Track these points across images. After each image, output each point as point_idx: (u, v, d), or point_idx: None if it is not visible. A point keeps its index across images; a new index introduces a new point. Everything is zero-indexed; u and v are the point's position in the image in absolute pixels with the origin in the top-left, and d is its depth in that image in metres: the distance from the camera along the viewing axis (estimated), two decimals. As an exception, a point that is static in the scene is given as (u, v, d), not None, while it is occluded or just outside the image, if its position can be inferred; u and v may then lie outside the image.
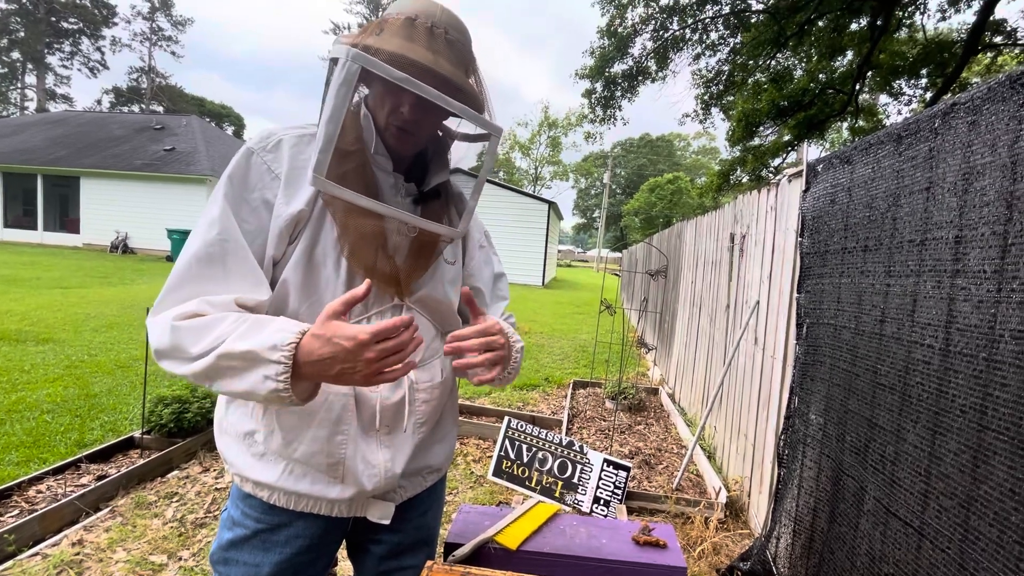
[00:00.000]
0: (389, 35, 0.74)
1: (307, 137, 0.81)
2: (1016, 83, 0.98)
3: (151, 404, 2.77)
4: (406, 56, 0.72)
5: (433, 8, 0.78)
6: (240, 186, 0.76)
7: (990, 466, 0.91)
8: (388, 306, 0.83)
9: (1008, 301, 0.92)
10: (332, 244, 0.78)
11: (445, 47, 0.77)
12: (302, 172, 0.78)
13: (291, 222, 0.76)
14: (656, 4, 9.75)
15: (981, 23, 7.88)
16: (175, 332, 0.67)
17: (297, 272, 0.77)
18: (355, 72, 0.67)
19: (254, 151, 0.77)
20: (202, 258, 0.72)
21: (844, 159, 1.69)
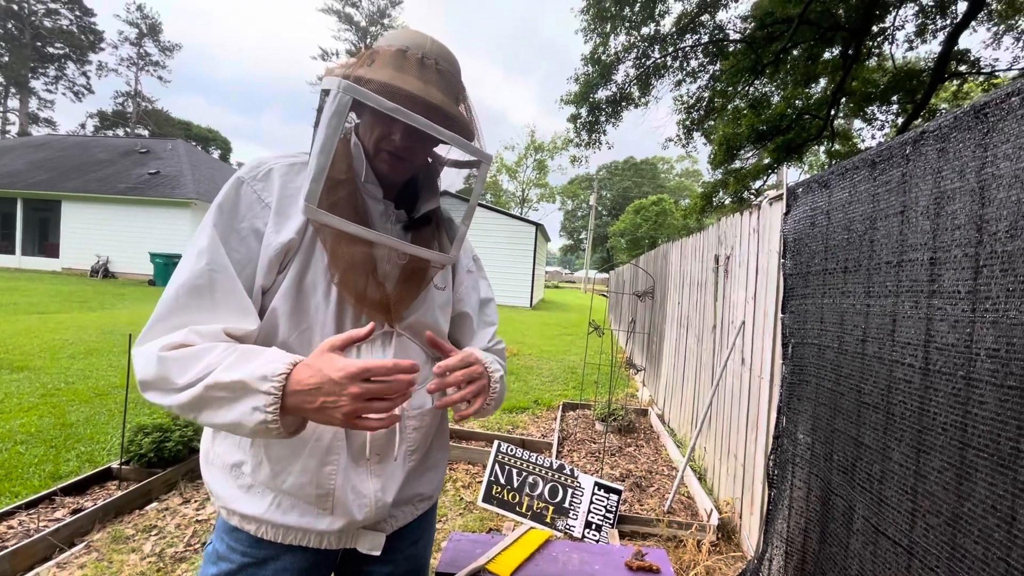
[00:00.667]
0: (380, 65, 0.76)
1: (298, 166, 0.82)
2: (980, 112, 1.03)
3: (131, 433, 2.69)
4: (397, 86, 0.73)
5: (423, 40, 0.80)
6: (230, 215, 0.76)
7: (972, 483, 0.93)
8: (379, 333, 0.83)
9: (982, 320, 0.95)
10: (322, 272, 0.78)
11: (436, 77, 0.79)
12: (292, 200, 0.78)
13: (281, 251, 0.76)
14: (638, 33, 10.07)
15: (946, 52, 8.27)
16: (162, 363, 0.66)
17: (287, 300, 0.77)
18: (347, 103, 0.68)
19: (244, 180, 0.78)
20: (191, 288, 0.71)
21: (822, 183, 1.75)
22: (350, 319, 0.81)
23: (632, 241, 39.22)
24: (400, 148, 0.80)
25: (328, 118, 0.69)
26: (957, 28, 8.06)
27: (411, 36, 0.80)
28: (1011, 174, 0.92)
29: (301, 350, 0.78)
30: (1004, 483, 0.85)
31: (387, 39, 0.80)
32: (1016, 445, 0.83)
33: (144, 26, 41.57)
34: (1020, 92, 0.93)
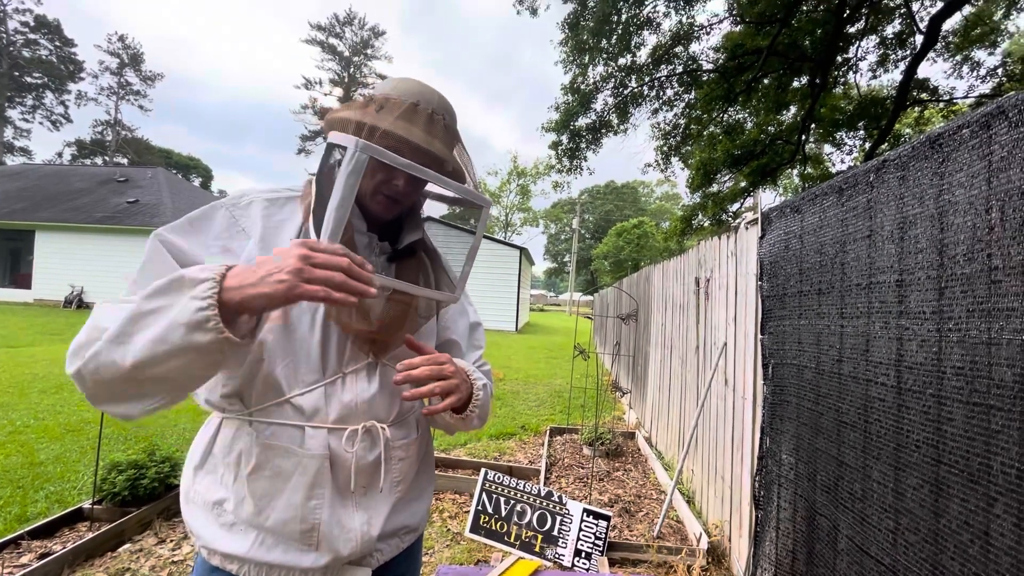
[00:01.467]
0: (391, 117, 0.77)
1: (280, 200, 0.83)
2: (935, 143, 1.10)
3: (104, 471, 2.60)
4: (412, 143, 0.76)
5: (431, 94, 0.83)
6: (199, 229, 0.77)
7: (947, 499, 0.95)
8: (363, 364, 0.84)
9: (947, 340, 0.99)
10: (308, 305, 0.79)
11: (442, 131, 0.82)
12: (277, 232, 0.80)
13: None
14: (615, 64, 10.40)
15: (907, 81, 8.70)
16: (93, 317, 0.64)
17: (272, 333, 0.77)
18: (364, 162, 0.69)
19: (224, 205, 0.79)
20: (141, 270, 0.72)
21: (794, 208, 1.82)
22: (334, 350, 0.81)
23: (615, 263, 39.67)
24: (401, 194, 0.82)
25: (346, 176, 0.69)
26: (915, 59, 8.50)
27: (419, 88, 0.83)
28: (966, 201, 0.97)
29: (289, 381, 0.78)
30: (976, 498, 0.87)
31: (395, 89, 0.82)
32: (985, 461, 0.86)
33: (126, 56, 41.64)
34: (970, 124, 1.00)
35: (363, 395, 0.83)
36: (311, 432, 0.79)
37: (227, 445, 0.80)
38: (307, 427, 0.79)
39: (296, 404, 0.78)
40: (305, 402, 0.79)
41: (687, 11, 9.75)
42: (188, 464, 0.85)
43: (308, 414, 0.79)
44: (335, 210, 0.70)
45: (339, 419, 0.81)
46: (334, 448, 0.80)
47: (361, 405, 0.82)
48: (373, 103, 0.79)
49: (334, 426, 0.80)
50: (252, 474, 0.77)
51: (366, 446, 0.82)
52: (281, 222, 0.81)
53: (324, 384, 0.80)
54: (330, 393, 0.80)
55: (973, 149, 0.97)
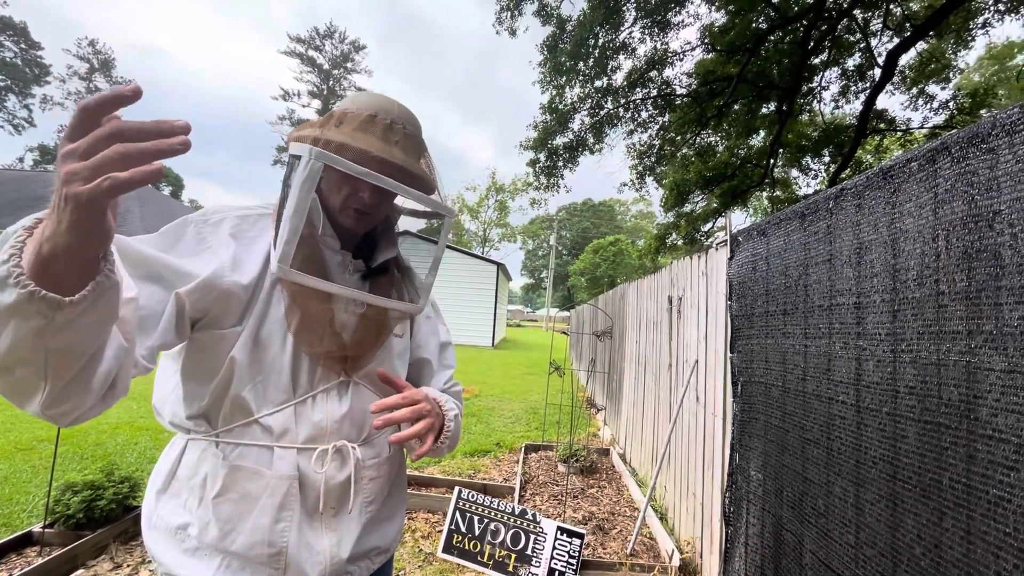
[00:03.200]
0: (350, 128, 0.78)
1: (252, 217, 0.82)
2: (887, 174, 1.17)
3: (57, 492, 2.47)
4: (366, 150, 0.77)
5: (390, 105, 0.84)
6: (166, 243, 0.74)
7: (901, 514, 0.99)
8: (335, 383, 0.83)
9: (901, 360, 1.04)
10: (279, 323, 0.78)
11: (402, 139, 0.82)
12: (247, 252, 0.78)
13: (231, 288, 0.74)
14: (591, 86, 10.67)
15: (866, 111, 9.16)
16: None
17: (244, 351, 0.76)
18: (318, 169, 0.70)
19: (192, 222, 0.78)
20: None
21: (761, 231, 1.89)
22: (305, 369, 0.80)
23: (591, 280, 40.11)
24: (368, 205, 0.82)
25: (300, 183, 0.70)
26: (874, 90, 8.98)
27: (378, 101, 0.83)
28: (915, 229, 1.03)
29: (258, 401, 0.77)
30: (927, 513, 0.92)
31: (355, 103, 0.83)
32: (936, 476, 0.91)
33: (96, 61, 40.66)
34: (918, 158, 1.07)
35: (334, 415, 0.82)
36: (280, 453, 0.77)
37: (192, 467, 0.78)
38: (276, 448, 0.77)
39: (264, 424, 0.77)
40: (274, 422, 0.77)
41: (661, 38, 10.10)
42: (150, 488, 0.83)
43: (277, 434, 0.78)
44: (289, 219, 0.70)
45: (309, 439, 0.80)
46: (303, 469, 0.79)
47: (332, 425, 0.82)
48: (333, 118, 0.80)
49: (303, 446, 0.79)
50: (218, 497, 0.75)
51: (336, 466, 0.82)
52: (253, 239, 0.80)
53: (294, 404, 0.79)
54: (300, 413, 0.79)
55: (921, 181, 1.03)
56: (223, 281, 0.73)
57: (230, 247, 0.77)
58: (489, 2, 46.04)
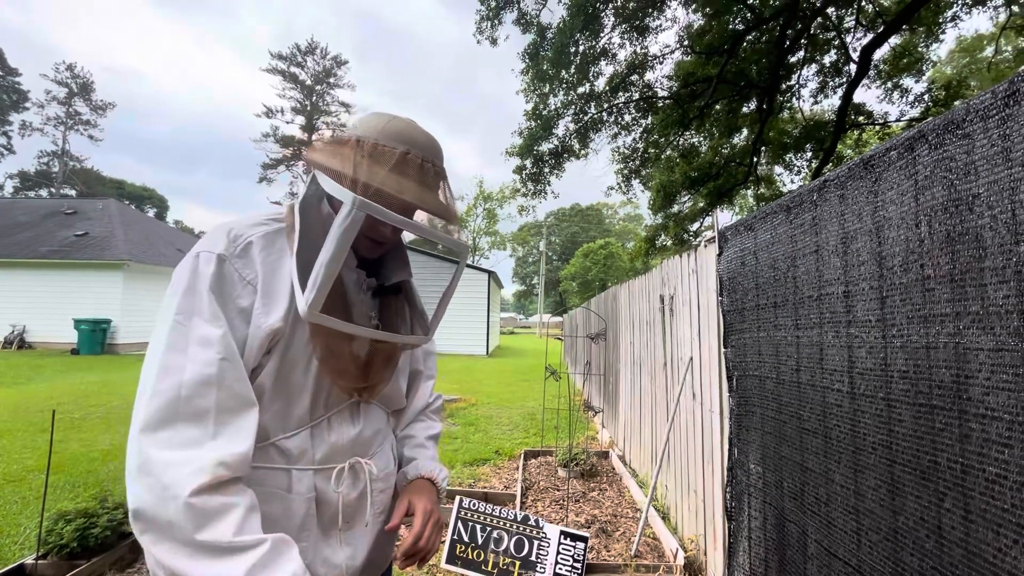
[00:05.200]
0: (384, 169, 0.75)
1: (271, 234, 0.79)
2: (868, 164, 1.19)
3: (50, 521, 2.42)
4: (407, 201, 0.75)
5: (417, 135, 0.80)
6: (221, 296, 0.71)
7: (903, 498, 1.00)
8: (346, 403, 0.84)
9: (892, 346, 1.06)
10: (301, 350, 0.77)
11: (432, 178, 0.80)
12: (275, 277, 0.76)
13: (270, 335, 0.73)
14: (574, 91, 10.77)
15: (844, 106, 9.33)
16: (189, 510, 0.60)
17: (269, 378, 0.75)
18: (361, 219, 0.69)
19: (225, 258, 0.73)
20: (201, 382, 0.66)
21: (748, 226, 1.91)
22: (324, 394, 0.81)
23: (583, 284, 40.24)
24: (386, 238, 0.82)
25: (341, 232, 0.69)
26: (851, 86, 9.15)
27: (406, 132, 0.79)
28: (898, 216, 1.05)
29: (275, 425, 0.76)
30: (928, 495, 0.93)
31: (383, 132, 0.78)
32: (933, 458, 0.92)
33: (75, 85, 40.32)
34: (897, 147, 1.09)
35: (348, 434, 0.84)
36: (297, 475, 0.78)
37: None
38: (293, 470, 0.78)
39: (281, 447, 0.77)
40: (291, 445, 0.78)
41: (640, 42, 10.23)
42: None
43: (294, 457, 0.78)
44: (326, 264, 0.69)
45: (324, 459, 0.81)
46: (320, 488, 0.80)
47: (346, 444, 0.83)
48: (362, 148, 0.76)
49: (320, 467, 0.80)
50: None
51: (351, 483, 0.83)
52: (276, 260, 0.77)
53: (310, 426, 0.80)
54: (316, 435, 0.80)
55: (901, 169, 1.06)
56: (259, 331, 0.73)
57: (257, 281, 0.74)
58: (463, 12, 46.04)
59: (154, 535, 0.60)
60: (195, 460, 0.62)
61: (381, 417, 0.92)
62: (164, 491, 0.60)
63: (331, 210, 0.80)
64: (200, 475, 0.61)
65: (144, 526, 0.61)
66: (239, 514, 0.63)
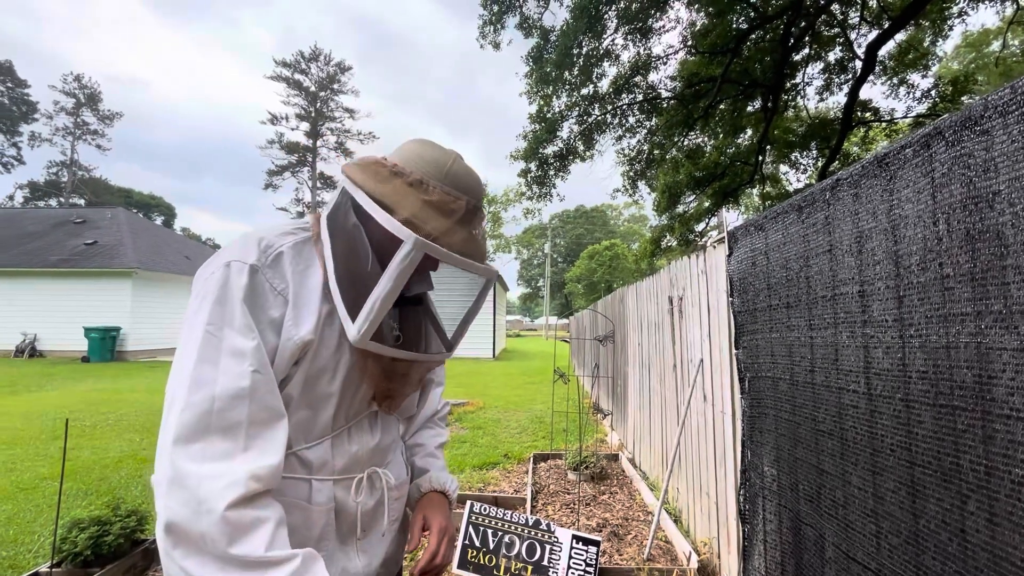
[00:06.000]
0: (439, 214, 0.75)
1: (299, 244, 0.78)
2: (882, 162, 1.17)
3: (64, 530, 2.43)
4: (460, 247, 0.76)
5: (468, 177, 0.80)
6: (254, 307, 0.71)
7: (923, 500, 0.99)
8: (365, 414, 0.85)
9: (910, 346, 1.04)
10: (328, 360, 0.77)
11: (478, 220, 0.82)
12: (303, 290, 0.76)
13: (301, 346, 0.73)
14: (578, 93, 10.77)
15: (850, 104, 9.27)
16: (224, 523, 0.60)
17: (296, 388, 0.76)
18: (419, 258, 0.70)
19: (258, 268, 0.72)
20: (233, 396, 0.65)
21: (758, 226, 1.90)
22: (346, 405, 0.81)
23: (588, 286, 40.17)
24: (424, 268, 0.82)
25: (400, 270, 0.70)
26: (857, 83, 9.10)
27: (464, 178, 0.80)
28: (914, 215, 1.04)
29: (297, 435, 0.76)
30: (950, 498, 0.91)
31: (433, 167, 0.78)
32: (955, 460, 0.90)
33: (83, 95, 40.80)
34: (912, 144, 1.08)
35: (367, 445, 0.85)
36: (318, 485, 0.78)
37: None
38: (313, 480, 0.78)
39: (302, 457, 0.77)
40: (312, 455, 0.78)
41: (644, 43, 10.22)
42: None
43: (315, 467, 0.78)
44: (382, 300, 0.70)
45: (344, 470, 0.81)
46: (339, 498, 0.80)
47: (365, 454, 0.84)
48: (417, 184, 0.75)
49: (339, 477, 0.81)
50: None
51: (368, 492, 0.84)
52: (304, 271, 0.77)
53: (331, 437, 0.80)
54: (337, 445, 0.81)
55: (917, 167, 1.04)
56: (290, 343, 0.73)
57: (288, 292, 0.74)
58: (463, 16, 46.19)
59: (185, 549, 0.60)
60: (228, 474, 0.62)
61: (396, 426, 0.94)
62: (199, 505, 0.60)
63: (357, 221, 0.78)
64: (235, 489, 0.61)
65: (176, 539, 0.60)
66: (270, 528, 0.64)
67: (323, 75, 40.65)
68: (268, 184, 41.01)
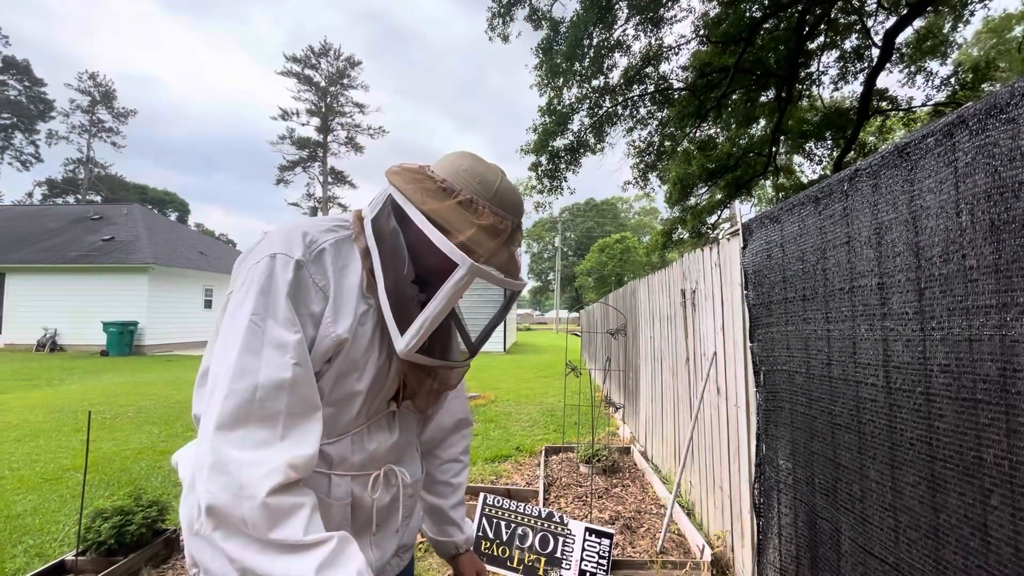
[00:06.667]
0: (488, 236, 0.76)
1: (339, 242, 0.80)
2: (903, 152, 1.15)
3: (87, 519, 2.50)
4: (506, 267, 0.80)
5: (513, 196, 0.82)
6: (297, 302, 0.73)
7: (944, 494, 0.98)
8: (384, 413, 0.87)
9: (931, 339, 1.03)
10: (359, 359, 0.79)
11: (519, 237, 0.85)
12: (342, 288, 0.78)
13: (337, 343, 0.75)
14: (589, 85, 10.68)
15: (867, 92, 9.09)
16: (264, 509, 0.63)
17: (327, 384, 0.77)
18: (472, 281, 0.72)
19: (303, 264, 0.74)
20: (275, 386, 0.68)
21: (774, 218, 1.88)
22: (369, 403, 0.83)
23: (599, 279, 40.02)
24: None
25: (455, 291, 0.72)
26: (874, 71, 8.91)
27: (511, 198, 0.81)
28: (937, 205, 1.02)
29: (327, 426, 0.78)
30: (972, 492, 0.90)
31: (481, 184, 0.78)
32: (978, 454, 0.89)
33: (97, 93, 41.34)
34: (934, 133, 1.05)
35: (385, 443, 0.86)
36: (336, 480, 0.80)
37: None
38: (332, 475, 0.80)
39: (323, 452, 0.79)
40: (332, 451, 0.80)
41: (655, 33, 10.09)
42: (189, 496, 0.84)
43: (335, 462, 0.80)
44: (432, 318, 0.73)
45: (362, 466, 0.83)
46: (356, 494, 0.82)
47: (382, 452, 0.86)
48: (473, 211, 0.76)
49: (357, 473, 0.82)
50: None
51: (385, 487, 0.86)
52: (343, 269, 0.79)
53: (351, 434, 0.82)
54: (356, 442, 0.82)
55: (939, 156, 1.02)
56: (326, 340, 0.75)
57: (329, 288, 0.76)
58: (471, 9, 45.96)
59: (225, 531, 0.63)
60: (268, 461, 0.65)
61: (414, 427, 0.95)
62: (240, 490, 0.62)
63: (396, 225, 0.79)
64: (274, 476, 0.64)
65: (216, 522, 0.63)
66: (306, 514, 0.66)
67: (333, 70, 40.72)
68: (280, 180, 41.32)
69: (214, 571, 0.77)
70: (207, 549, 0.79)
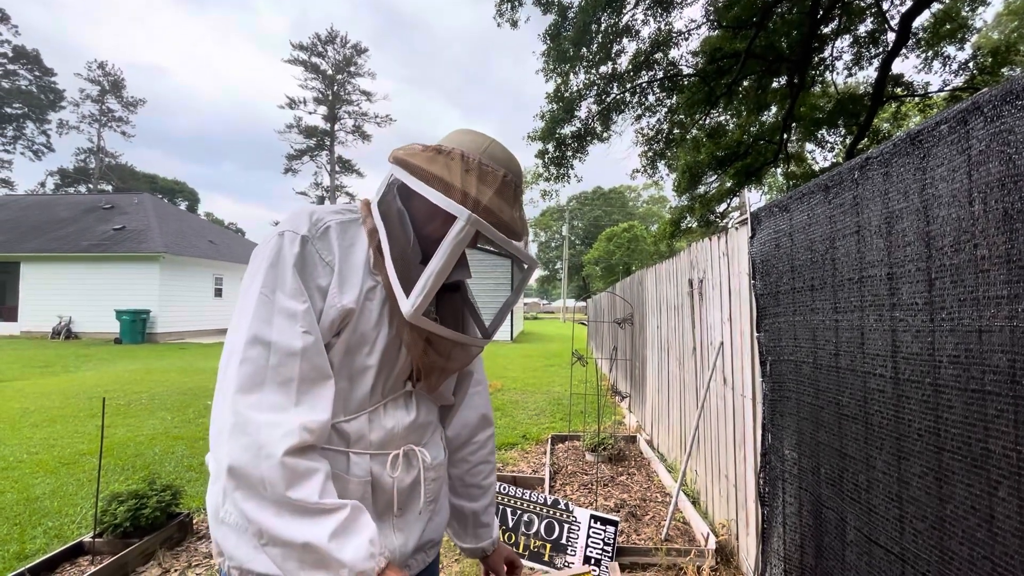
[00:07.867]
0: (490, 189, 0.80)
1: (347, 222, 0.84)
2: (915, 139, 1.13)
3: (104, 502, 2.56)
4: (507, 224, 0.81)
5: (509, 158, 0.85)
6: (304, 274, 0.77)
7: (951, 486, 0.97)
8: (400, 392, 0.87)
9: (941, 329, 1.02)
10: (368, 333, 0.81)
11: (519, 199, 0.87)
12: (348, 263, 0.81)
13: (343, 314, 0.78)
14: (596, 72, 10.55)
15: (882, 78, 8.90)
16: (283, 468, 0.66)
17: (337, 357, 0.79)
18: (472, 233, 0.74)
19: (308, 239, 0.78)
20: (287, 353, 0.71)
21: (782, 207, 1.85)
22: (383, 380, 0.84)
23: (607, 268, 39.86)
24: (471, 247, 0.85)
25: (454, 244, 0.74)
26: (889, 56, 8.71)
27: (506, 158, 0.84)
28: (949, 194, 1.00)
29: (337, 404, 0.79)
30: (979, 483, 0.90)
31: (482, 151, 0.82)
32: (985, 446, 0.89)
33: (107, 83, 41.48)
34: (948, 120, 1.03)
35: (403, 422, 0.86)
36: (355, 459, 0.81)
37: None
38: (351, 453, 0.81)
39: (340, 430, 0.80)
40: (350, 428, 0.81)
41: (665, 18, 9.92)
42: (215, 483, 0.85)
43: (352, 440, 0.81)
44: (436, 274, 0.74)
45: (381, 444, 0.83)
46: (376, 473, 0.82)
47: (400, 431, 0.86)
48: (466, 164, 0.79)
49: (376, 452, 0.83)
50: None
51: (405, 469, 0.86)
52: (350, 247, 0.82)
53: (368, 412, 0.83)
54: (373, 419, 0.83)
55: (952, 144, 1.00)
56: (333, 310, 0.77)
57: (335, 263, 0.79)
58: (479, -3, 45.38)
59: (245, 491, 0.66)
60: (284, 423, 0.68)
61: (432, 409, 0.94)
62: (259, 450, 0.66)
63: (401, 206, 0.84)
64: (290, 437, 0.67)
65: (237, 482, 0.66)
66: (321, 478, 0.70)
67: (339, 58, 40.53)
68: (288, 168, 41.43)
69: (239, 558, 0.78)
70: (231, 536, 0.80)
